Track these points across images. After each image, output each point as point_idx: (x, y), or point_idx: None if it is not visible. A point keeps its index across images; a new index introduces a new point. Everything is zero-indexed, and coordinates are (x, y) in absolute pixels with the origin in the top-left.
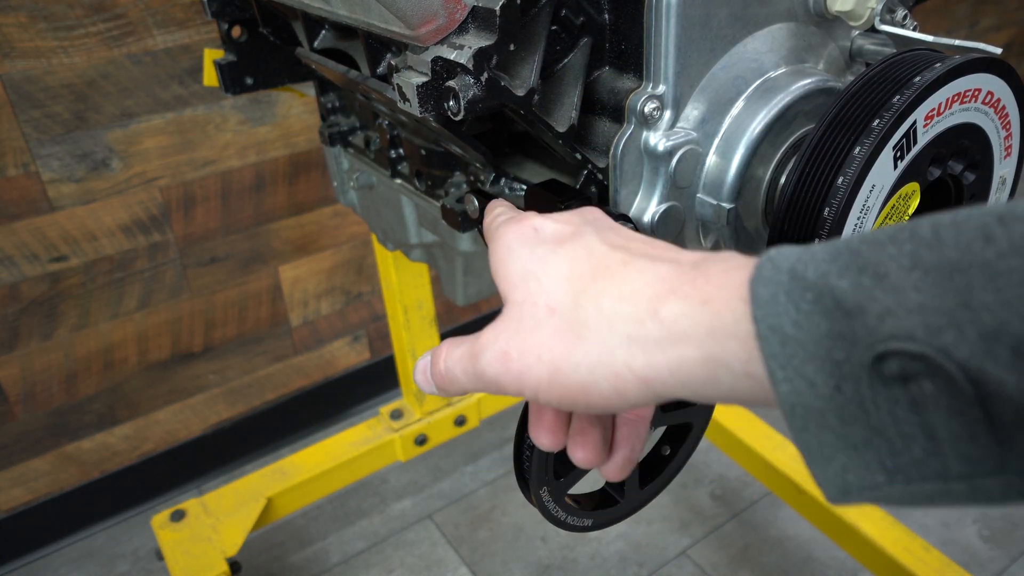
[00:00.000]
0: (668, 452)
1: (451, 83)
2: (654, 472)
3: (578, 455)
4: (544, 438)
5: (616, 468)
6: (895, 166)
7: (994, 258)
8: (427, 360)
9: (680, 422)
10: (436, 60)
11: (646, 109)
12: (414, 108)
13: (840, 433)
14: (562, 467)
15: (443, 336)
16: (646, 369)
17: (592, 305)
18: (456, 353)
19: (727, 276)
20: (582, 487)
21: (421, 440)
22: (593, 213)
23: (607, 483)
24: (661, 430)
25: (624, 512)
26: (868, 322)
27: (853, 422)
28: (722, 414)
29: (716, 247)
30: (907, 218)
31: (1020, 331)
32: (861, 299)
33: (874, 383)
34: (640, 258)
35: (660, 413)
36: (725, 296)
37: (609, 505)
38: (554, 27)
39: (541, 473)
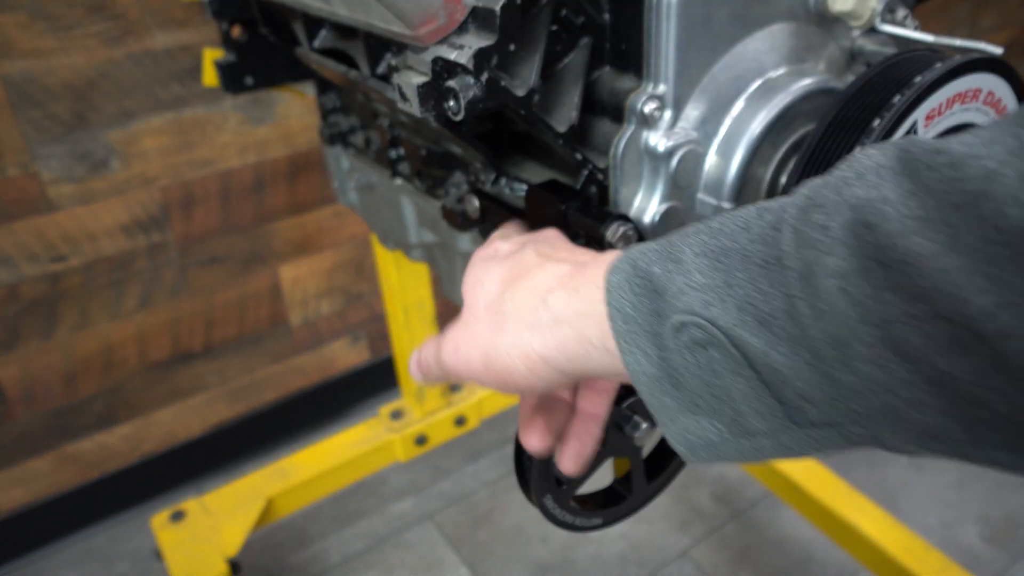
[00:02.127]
0: None
1: (451, 83)
2: (660, 466)
3: (531, 442)
4: (532, 441)
5: (569, 460)
6: None
7: (747, 244)
8: (415, 355)
9: None
10: (436, 60)
11: (646, 109)
12: (414, 108)
13: (675, 396)
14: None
15: None
16: (543, 348)
17: (509, 300)
18: (430, 347)
19: (597, 269)
20: (586, 488)
21: (421, 440)
22: (546, 233)
23: (615, 480)
24: None
25: (633, 507)
26: (669, 300)
27: (681, 387)
28: None
29: None
30: None
31: (760, 303)
32: (666, 281)
33: (682, 351)
34: (551, 262)
35: None
36: (590, 285)
37: (617, 502)
38: (554, 27)
39: (543, 481)
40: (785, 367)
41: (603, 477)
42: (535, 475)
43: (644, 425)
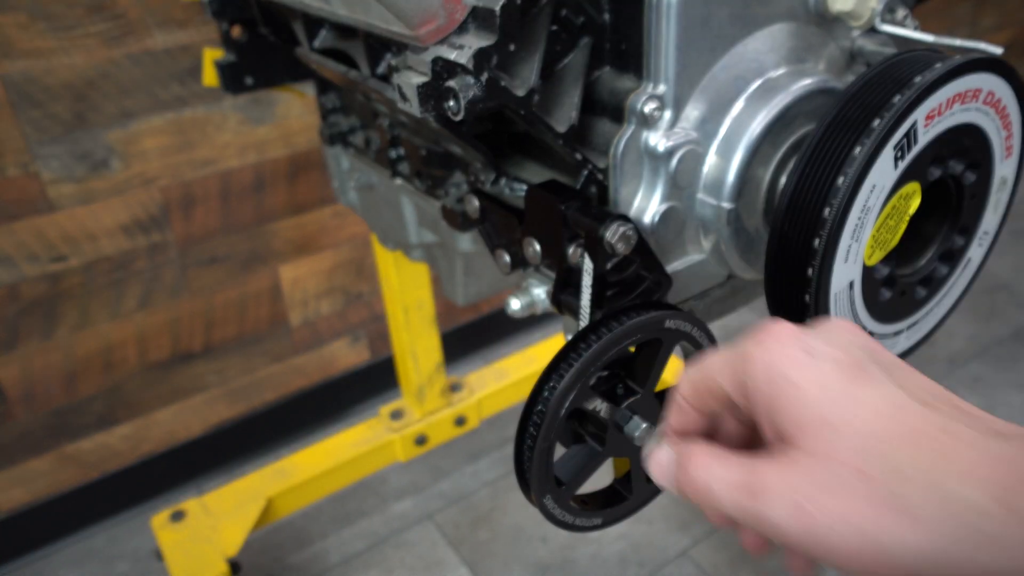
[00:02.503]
0: None
1: (451, 83)
2: None
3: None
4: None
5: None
6: (895, 166)
7: None
8: (669, 456)
9: None
10: (436, 60)
11: (646, 109)
12: (414, 108)
13: None
14: (563, 472)
15: (444, 337)
16: (991, 564)
17: (920, 480)
18: (726, 477)
19: None
20: (585, 488)
21: (421, 440)
22: (857, 336)
23: (615, 480)
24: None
25: (633, 507)
26: None
27: None
28: None
29: (716, 247)
30: (907, 218)
31: None
32: None
33: None
34: (960, 425)
35: (662, 409)
36: None
37: (617, 502)
38: (554, 27)
39: (543, 481)
40: None
41: (603, 477)
42: (535, 475)
43: (644, 425)
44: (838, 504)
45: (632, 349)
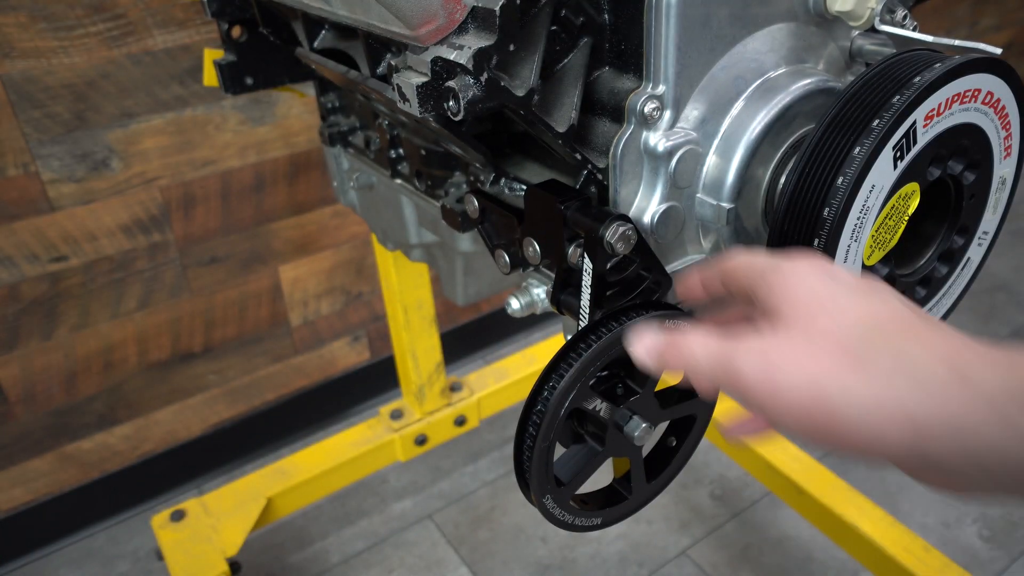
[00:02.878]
0: (674, 444)
1: (451, 83)
2: (661, 465)
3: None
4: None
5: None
6: (895, 166)
7: None
8: (656, 337)
9: (684, 414)
10: (436, 60)
11: (646, 109)
12: (414, 108)
13: None
14: (563, 472)
15: (444, 337)
16: (922, 411)
17: (887, 348)
18: (709, 343)
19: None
20: (585, 488)
21: (421, 440)
22: (891, 290)
23: (614, 480)
24: (664, 425)
25: (633, 507)
26: None
27: None
28: (722, 413)
29: (716, 247)
30: (907, 218)
31: None
32: None
33: None
34: (943, 325)
35: (661, 409)
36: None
37: (617, 502)
38: (554, 27)
39: (543, 481)
40: None
41: (603, 477)
42: (535, 475)
43: (644, 425)
44: (803, 361)
45: None
